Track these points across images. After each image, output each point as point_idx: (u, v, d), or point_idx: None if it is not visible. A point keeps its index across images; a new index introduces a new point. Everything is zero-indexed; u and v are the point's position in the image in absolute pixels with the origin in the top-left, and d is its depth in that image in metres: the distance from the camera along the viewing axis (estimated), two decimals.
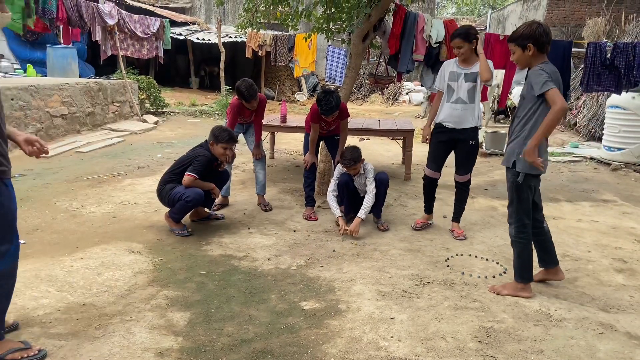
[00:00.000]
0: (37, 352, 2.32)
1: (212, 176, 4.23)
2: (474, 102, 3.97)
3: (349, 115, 4.72)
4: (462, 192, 4.25)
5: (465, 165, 4.13)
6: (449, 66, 4.06)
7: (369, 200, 4.19)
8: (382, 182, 4.28)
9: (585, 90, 6.15)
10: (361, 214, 4.15)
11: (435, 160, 4.19)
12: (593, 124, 9.66)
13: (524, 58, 2.95)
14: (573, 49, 5.88)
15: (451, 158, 4.25)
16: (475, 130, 4.03)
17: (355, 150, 4.21)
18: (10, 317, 2.62)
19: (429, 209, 4.39)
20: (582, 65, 7.22)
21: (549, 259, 3.25)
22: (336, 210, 4.24)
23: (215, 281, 3.22)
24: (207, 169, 4.12)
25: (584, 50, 6.11)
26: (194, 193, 3.95)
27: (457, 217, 4.30)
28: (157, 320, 2.70)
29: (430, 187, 4.31)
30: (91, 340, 2.48)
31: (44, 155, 2.41)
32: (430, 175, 4.24)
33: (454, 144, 4.10)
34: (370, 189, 4.24)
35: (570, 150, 8.53)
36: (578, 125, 10.18)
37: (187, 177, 3.97)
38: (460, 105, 3.96)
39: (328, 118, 4.40)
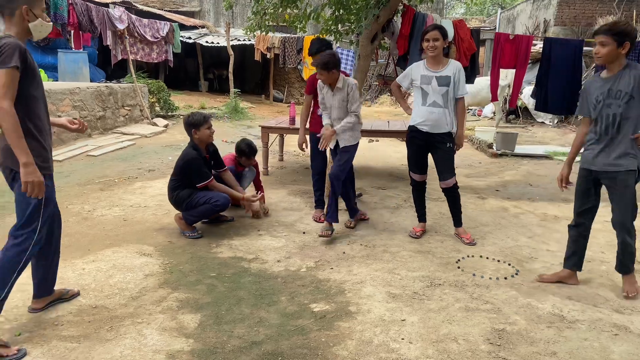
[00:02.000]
0: (16, 352, 2.34)
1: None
2: (448, 107, 3.93)
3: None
4: (453, 197, 4.13)
5: (447, 169, 4.04)
6: (419, 69, 3.98)
7: (350, 119, 4.08)
8: (340, 177, 4.08)
9: None
10: (338, 128, 4.06)
11: (419, 165, 4.15)
12: None
13: (615, 54, 2.92)
14: (584, 48, 5.82)
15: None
16: (450, 135, 3.98)
17: (333, 54, 3.99)
18: (26, 318, 2.65)
19: (422, 216, 4.31)
20: (594, 65, 7.15)
21: (579, 262, 3.35)
22: (326, 119, 4.20)
23: (225, 283, 3.23)
24: (205, 166, 4.10)
25: None
26: (223, 198, 4.00)
27: (458, 222, 4.19)
28: (168, 322, 2.72)
29: (419, 191, 4.26)
30: (103, 343, 2.50)
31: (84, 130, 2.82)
32: (419, 179, 4.20)
33: (429, 147, 4.05)
34: (353, 110, 4.09)
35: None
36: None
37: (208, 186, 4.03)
38: (437, 108, 3.91)
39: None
